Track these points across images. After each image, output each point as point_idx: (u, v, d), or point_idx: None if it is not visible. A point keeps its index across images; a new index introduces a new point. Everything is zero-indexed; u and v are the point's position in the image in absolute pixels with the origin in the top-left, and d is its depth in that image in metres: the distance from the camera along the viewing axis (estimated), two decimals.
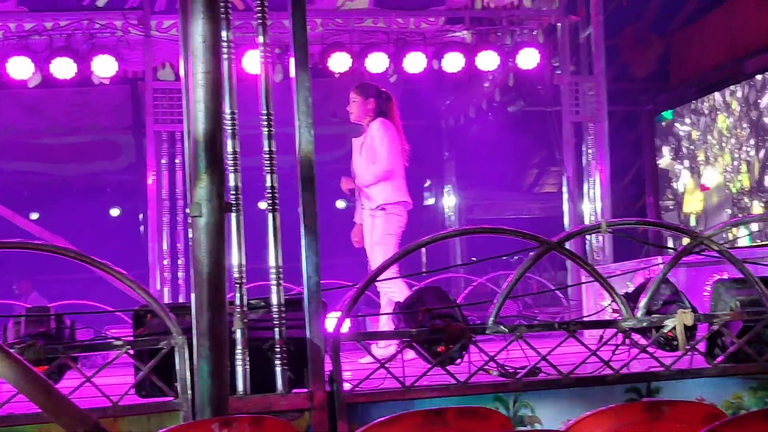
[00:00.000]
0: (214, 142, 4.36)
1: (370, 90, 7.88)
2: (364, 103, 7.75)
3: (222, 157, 4.41)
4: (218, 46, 4.44)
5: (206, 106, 4.36)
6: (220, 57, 4.47)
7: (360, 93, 7.82)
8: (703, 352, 5.37)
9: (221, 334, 4.35)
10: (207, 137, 4.35)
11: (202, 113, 4.36)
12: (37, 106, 13.91)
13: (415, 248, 5.59)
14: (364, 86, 8.04)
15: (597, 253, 11.34)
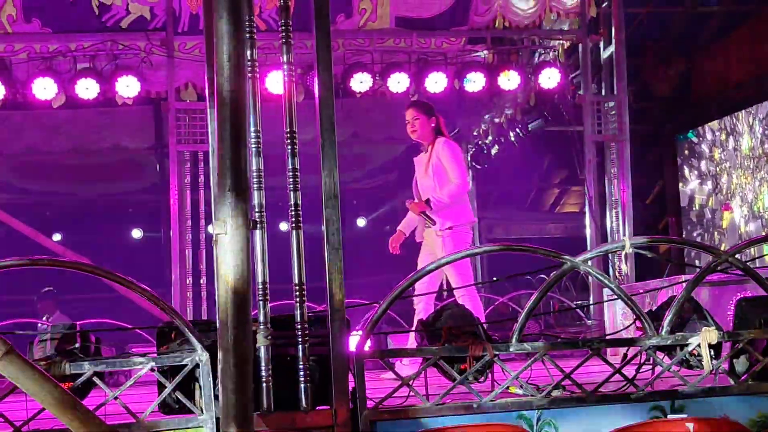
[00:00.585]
0: (238, 159, 4.38)
1: (431, 108, 7.91)
2: (428, 121, 7.78)
3: (246, 174, 4.43)
4: (243, 65, 4.47)
5: (231, 124, 4.38)
6: (244, 76, 4.50)
7: (423, 111, 7.85)
8: (727, 370, 5.34)
9: (245, 350, 4.36)
10: (231, 155, 4.37)
11: (227, 131, 4.39)
12: (61, 127, 14.01)
13: (437, 267, 5.60)
14: (424, 104, 8.07)
15: (619, 272, 11.30)
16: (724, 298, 7.69)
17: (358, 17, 11.85)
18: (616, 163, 11.75)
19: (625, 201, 11.64)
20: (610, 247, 7.52)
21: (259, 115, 4.74)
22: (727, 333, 5.38)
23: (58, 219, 16.36)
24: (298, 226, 4.85)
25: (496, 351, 5.11)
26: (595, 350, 5.23)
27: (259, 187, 4.70)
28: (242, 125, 4.43)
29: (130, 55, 11.40)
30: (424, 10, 11.88)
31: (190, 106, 11.26)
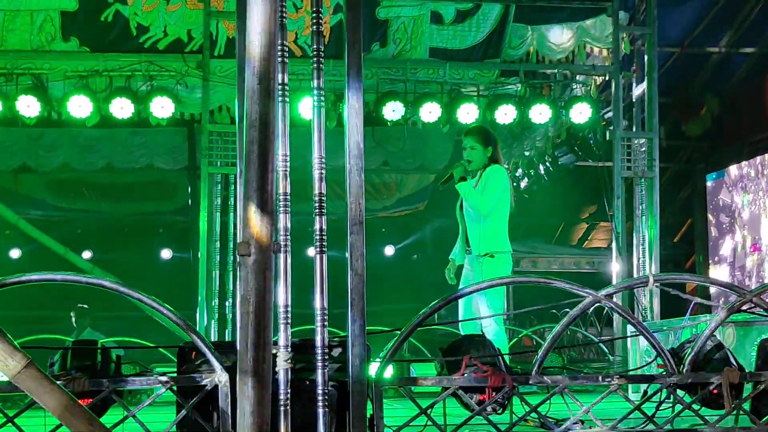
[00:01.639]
0: (265, 182, 4.41)
1: (487, 137, 7.92)
2: (484, 152, 7.82)
3: (272, 197, 4.46)
4: (273, 88, 4.51)
5: (258, 146, 4.42)
6: (274, 99, 4.54)
7: (481, 141, 7.85)
8: (748, 412, 5.30)
9: (264, 373, 4.37)
10: (258, 177, 4.41)
11: (255, 154, 4.43)
12: (95, 145, 14.16)
13: (461, 296, 5.60)
14: (482, 134, 8.04)
15: (644, 309, 11.24)
16: (748, 338, 7.64)
17: (393, 46, 11.92)
18: (645, 199, 11.72)
19: (652, 238, 11.60)
20: (633, 282, 7.48)
21: (287, 139, 4.78)
22: (750, 373, 5.34)
23: (89, 237, 16.49)
24: (322, 250, 4.86)
25: (516, 383, 5.10)
26: (615, 386, 5.21)
27: (285, 210, 4.72)
28: (270, 148, 4.47)
29: (166, 76, 11.52)
30: (458, 42, 11.93)
31: (224, 129, 11.33)
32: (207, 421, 4.83)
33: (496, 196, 7.69)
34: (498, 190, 7.70)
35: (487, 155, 7.83)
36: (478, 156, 7.82)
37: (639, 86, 12.03)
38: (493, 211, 7.68)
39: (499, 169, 7.77)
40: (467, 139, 7.94)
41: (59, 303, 13.93)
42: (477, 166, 7.87)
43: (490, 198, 7.67)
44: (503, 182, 7.75)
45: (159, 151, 14.53)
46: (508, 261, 7.75)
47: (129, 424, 4.74)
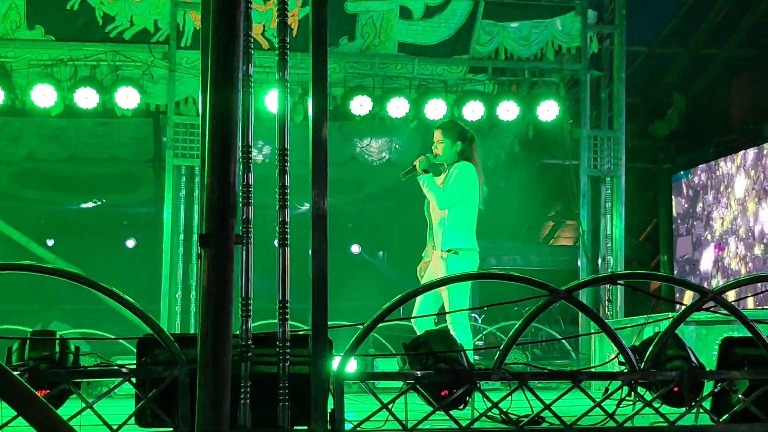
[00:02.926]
0: (227, 174, 4.37)
1: (457, 131, 7.80)
2: (452, 146, 7.67)
3: (234, 189, 4.42)
4: (237, 78, 4.47)
5: (221, 137, 4.38)
6: (238, 90, 4.50)
7: (447, 135, 7.72)
8: (708, 410, 5.32)
9: (225, 366, 4.33)
10: (220, 169, 4.37)
11: (216, 145, 4.38)
12: (59, 135, 14.01)
13: (423, 291, 5.58)
14: (450, 128, 7.89)
15: (608, 307, 11.28)
16: (710, 337, 7.68)
17: (362, 41, 11.89)
18: (611, 198, 11.77)
19: (618, 237, 11.65)
20: (596, 278, 7.48)
21: (251, 131, 4.74)
22: (710, 372, 5.36)
23: (52, 228, 16.33)
24: (284, 243, 4.83)
25: (478, 379, 5.09)
26: (576, 382, 5.21)
27: (247, 202, 4.69)
28: (232, 139, 4.43)
29: (132, 66, 11.44)
30: (426, 37, 11.91)
31: (189, 121, 11.26)
32: (167, 414, 4.78)
33: (458, 193, 7.56)
34: (462, 187, 7.57)
35: (456, 150, 7.68)
36: (446, 150, 7.70)
37: (607, 86, 12.07)
38: (455, 207, 7.56)
39: (466, 166, 7.61)
40: (436, 132, 7.81)
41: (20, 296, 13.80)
42: (444, 161, 7.78)
43: (451, 194, 7.55)
44: (468, 179, 7.60)
45: (124, 142, 14.41)
46: (473, 259, 7.64)
47: (87, 416, 4.68)
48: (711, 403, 5.37)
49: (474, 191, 7.65)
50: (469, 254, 7.60)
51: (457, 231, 7.57)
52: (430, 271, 7.76)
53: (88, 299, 12.47)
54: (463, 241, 7.58)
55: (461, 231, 7.58)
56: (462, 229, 7.59)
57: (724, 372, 5.35)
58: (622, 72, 11.95)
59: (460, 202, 7.59)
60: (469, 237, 7.63)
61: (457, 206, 7.59)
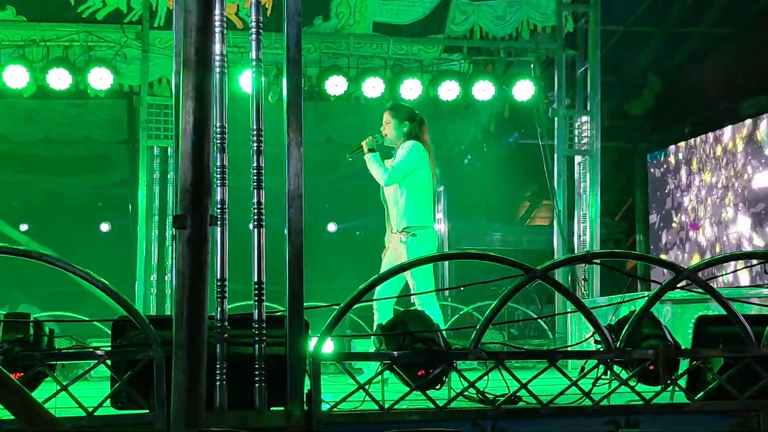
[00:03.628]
0: (201, 154, 4.34)
1: (405, 112, 7.81)
2: (400, 126, 7.68)
3: (209, 170, 4.39)
4: (211, 59, 4.43)
5: (195, 118, 4.35)
6: (212, 70, 4.47)
7: (395, 115, 7.74)
8: (683, 388, 5.35)
9: (200, 347, 4.32)
10: (195, 149, 4.34)
11: (191, 125, 4.36)
12: (32, 117, 13.90)
13: (400, 270, 5.57)
14: (398, 109, 7.95)
15: (584, 286, 11.31)
16: (685, 315, 7.72)
17: (336, 20, 11.83)
18: (586, 178, 11.79)
19: (593, 216, 11.68)
20: (572, 258, 7.49)
21: (225, 111, 4.71)
22: (685, 350, 5.39)
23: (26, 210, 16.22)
24: (260, 224, 4.81)
25: (454, 358, 5.10)
26: (552, 361, 5.23)
27: (222, 183, 4.66)
28: (206, 120, 4.40)
29: (105, 47, 11.33)
30: (402, 17, 11.87)
31: (163, 102, 11.19)
32: (142, 396, 4.76)
33: (405, 170, 7.54)
34: (408, 164, 7.54)
35: (404, 131, 7.68)
36: (393, 131, 7.71)
37: (582, 65, 12.08)
38: (408, 188, 7.53)
39: (414, 144, 7.61)
40: (385, 114, 7.86)
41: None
42: (392, 142, 7.77)
43: (397, 171, 7.53)
44: (416, 157, 7.56)
45: (97, 123, 14.31)
46: (431, 236, 7.61)
47: (62, 398, 4.66)
48: (686, 381, 5.40)
49: (424, 171, 7.62)
50: (427, 233, 7.57)
51: (413, 211, 7.55)
52: (390, 254, 7.73)
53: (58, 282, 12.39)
54: (419, 220, 7.55)
55: (417, 211, 7.56)
56: (417, 208, 7.57)
57: (699, 350, 5.38)
58: (598, 51, 11.95)
59: (412, 182, 7.56)
60: (426, 216, 7.61)
61: (410, 186, 7.56)
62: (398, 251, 7.59)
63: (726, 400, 5.32)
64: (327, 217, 17.42)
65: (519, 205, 18.49)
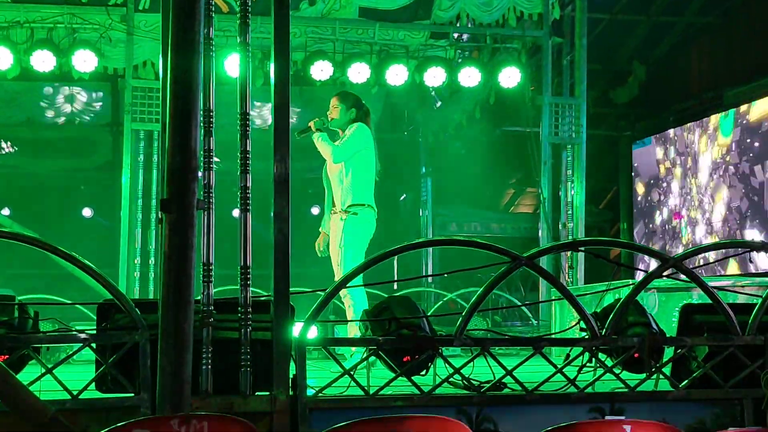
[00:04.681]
0: (188, 138, 4.33)
1: (351, 99, 7.88)
2: (346, 112, 7.75)
3: (196, 153, 4.38)
4: (197, 42, 4.41)
5: (182, 101, 4.33)
6: (199, 53, 4.45)
7: (343, 101, 7.82)
8: (668, 376, 5.36)
9: (185, 332, 4.31)
10: (181, 133, 4.32)
11: (177, 109, 4.34)
12: (15, 99, 13.82)
13: (385, 256, 5.54)
14: (346, 95, 8.03)
15: (569, 274, 11.33)
16: (670, 304, 7.75)
17: (322, 5, 11.79)
18: (571, 165, 11.79)
19: (578, 204, 11.69)
20: (558, 245, 7.51)
21: (212, 95, 4.68)
22: (670, 338, 5.40)
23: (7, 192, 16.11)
24: (246, 208, 4.79)
25: (440, 345, 5.09)
26: (537, 348, 5.23)
27: (208, 167, 4.64)
28: (193, 103, 4.38)
29: (89, 29, 11.26)
30: (388, 2, 11.83)
31: (148, 85, 11.14)
32: (127, 379, 4.74)
33: (353, 149, 7.61)
34: (356, 144, 7.62)
35: (350, 117, 7.74)
36: (340, 115, 7.76)
37: (568, 53, 12.07)
38: (353, 168, 7.60)
39: (360, 126, 7.70)
40: (333, 98, 7.93)
41: None
42: (338, 125, 7.81)
43: (346, 148, 7.61)
44: (362, 138, 7.66)
45: (81, 106, 14.24)
46: (371, 218, 7.64)
47: (46, 381, 4.64)
48: (671, 369, 5.42)
49: (369, 152, 7.71)
50: (367, 213, 7.62)
51: (357, 189, 7.62)
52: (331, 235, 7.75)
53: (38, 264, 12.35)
54: (363, 198, 7.62)
55: (361, 190, 7.63)
56: (362, 187, 7.64)
57: (684, 338, 5.39)
58: (584, 39, 11.95)
59: (358, 162, 7.64)
60: (367, 196, 7.67)
61: (354, 166, 7.63)
62: (335, 229, 7.61)
63: (710, 388, 5.34)
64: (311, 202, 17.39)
65: (503, 192, 18.50)
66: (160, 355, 4.33)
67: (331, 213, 7.73)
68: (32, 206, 15.76)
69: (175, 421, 3.64)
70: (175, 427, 3.59)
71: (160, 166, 4.47)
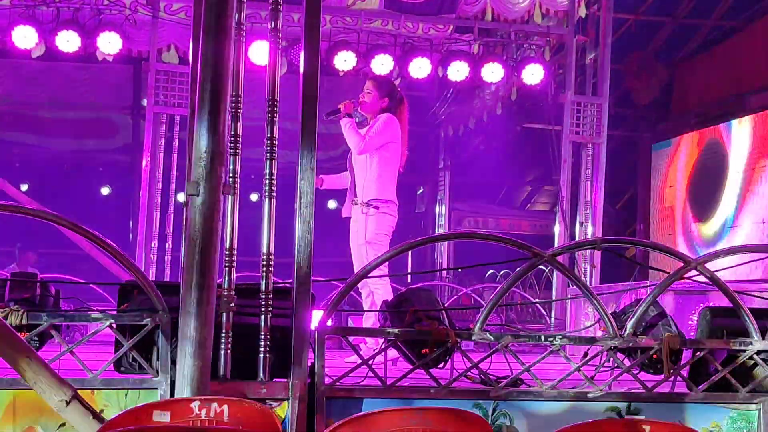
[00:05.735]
0: (216, 122, 4.34)
1: (387, 87, 7.73)
2: (379, 99, 7.57)
3: (224, 138, 4.39)
4: (229, 27, 4.42)
5: (212, 86, 4.35)
6: (230, 39, 4.46)
7: (376, 87, 7.62)
8: (686, 378, 5.35)
9: (207, 315, 4.33)
10: (209, 117, 4.34)
11: (207, 93, 4.35)
12: (38, 78, 13.87)
13: (407, 249, 5.54)
14: (382, 82, 7.81)
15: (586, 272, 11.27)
16: (687, 306, 7.73)
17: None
18: (591, 165, 11.75)
19: (597, 203, 11.65)
20: (581, 243, 7.48)
21: (242, 80, 4.68)
22: (690, 341, 5.39)
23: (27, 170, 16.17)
24: (271, 195, 4.79)
25: (459, 338, 5.09)
26: (556, 346, 5.23)
27: (234, 152, 4.64)
28: (223, 88, 4.39)
29: (115, 11, 11.25)
30: None
31: (171, 69, 11.13)
32: (147, 361, 4.76)
33: (379, 141, 7.39)
34: (383, 136, 7.40)
35: (382, 105, 7.53)
36: (372, 102, 7.55)
37: (592, 51, 12.03)
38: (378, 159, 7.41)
39: (390, 117, 7.47)
40: (367, 82, 7.73)
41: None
42: (369, 111, 7.61)
43: (372, 141, 7.37)
44: (390, 130, 7.44)
45: (103, 88, 14.28)
46: (392, 210, 7.44)
47: (64, 360, 4.65)
48: (688, 371, 5.41)
49: (396, 146, 7.54)
50: (389, 208, 7.50)
51: (380, 183, 7.44)
52: (352, 225, 7.65)
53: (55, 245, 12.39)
54: (385, 193, 7.47)
55: (383, 184, 7.46)
56: (384, 181, 7.48)
57: (704, 341, 5.38)
58: (609, 38, 11.90)
59: (384, 155, 7.44)
60: (390, 190, 7.52)
61: (381, 158, 7.47)
62: (358, 222, 7.50)
63: (727, 392, 5.33)
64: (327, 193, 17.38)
65: (520, 189, 18.49)
66: (180, 337, 4.35)
67: (353, 202, 7.62)
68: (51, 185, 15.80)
69: (195, 403, 3.65)
70: (196, 410, 3.61)
71: (188, 150, 4.48)
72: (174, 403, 3.79)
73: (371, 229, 7.32)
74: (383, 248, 7.24)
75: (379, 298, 6.98)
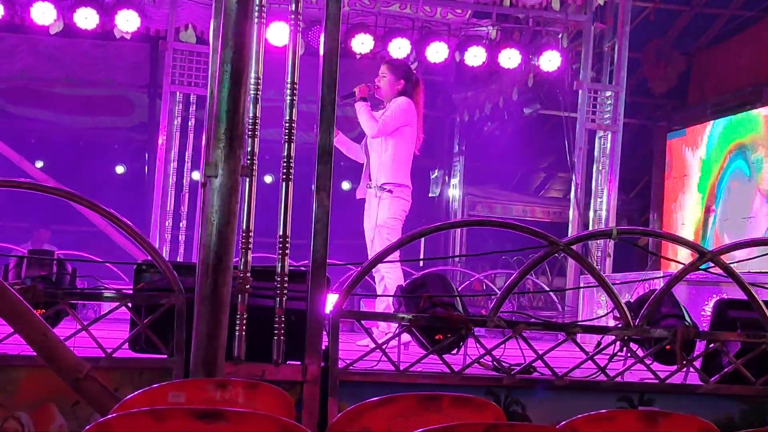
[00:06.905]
0: (236, 104, 4.34)
1: (402, 70, 7.70)
2: (395, 83, 7.54)
3: (243, 119, 4.39)
4: (251, 8, 4.42)
5: (233, 67, 4.34)
6: (251, 20, 4.45)
7: (392, 71, 7.58)
8: (699, 369, 5.35)
9: (223, 296, 4.33)
10: (230, 99, 4.33)
11: (228, 74, 4.35)
12: (55, 55, 13.88)
13: (421, 235, 5.55)
14: (397, 65, 7.80)
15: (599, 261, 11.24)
16: (699, 296, 7.71)
17: None
18: (606, 152, 11.72)
19: (611, 191, 11.62)
20: (596, 232, 7.47)
21: (262, 62, 4.68)
22: (704, 332, 5.38)
23: (42, 147, 16.20)
24: (288, 177, 4.80)
25: (472, 325, 5.10)
26: (570, 334, 5.23)
27: (253, 134, 4.64)
28: (244, 69, 4.39)
29: None
30: None
31: (189, 48, 11.11)
32: (161, 340, 4.77)
33: (394, 125, 7.37)
34: (397, 120, 7.38)
35: (398, 88, 7.51)
36: (387, 85, 7.51)
37: (610, 39, 11.98)
38: (393, 143, 7.39)
39: (406, 101, 7.45)
40: (383, 66, 7.70)
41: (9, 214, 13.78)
42: (384, 95, 7.58)
43: (386, 125, 7.35)
44: (406, 114, 7.42)
45: (120, 65, 14.28)
46: (405, 194, 7.44)
47: (79, 338, 4.67)
48: (701, 363, 5.41)
49: (411, 130, 7.51)
50: (403, 192, 7.47)
51: (394, 167, 7.42)
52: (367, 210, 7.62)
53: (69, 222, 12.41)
54: (399, 177, 7.45)
55: (398, 168, 7.44)
56: (399, 165, 7.45)
57: (718, 333, 5.38)
58: (627, 26, 11.84)
59: (397, 138, 7.42)
60: (404, 174, 7.49)
61: (394, 142, 7.42)
62: (372, 206, 7.48)
63: (740, 384, 5.32)
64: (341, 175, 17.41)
65: (534, 175, 18.46)
66: (196, 318, 4.36)
67: (367, 186, 7.60)
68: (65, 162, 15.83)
69: (210, 385, 3.67)
70: (211, 392, 3.62)
71: (207, 131, 4.48)
72: (189, 384, 3.81)
73: (384, 214, 7.31)
74: (395, 233, 7.25)
75: (390, 283, 6.99)
